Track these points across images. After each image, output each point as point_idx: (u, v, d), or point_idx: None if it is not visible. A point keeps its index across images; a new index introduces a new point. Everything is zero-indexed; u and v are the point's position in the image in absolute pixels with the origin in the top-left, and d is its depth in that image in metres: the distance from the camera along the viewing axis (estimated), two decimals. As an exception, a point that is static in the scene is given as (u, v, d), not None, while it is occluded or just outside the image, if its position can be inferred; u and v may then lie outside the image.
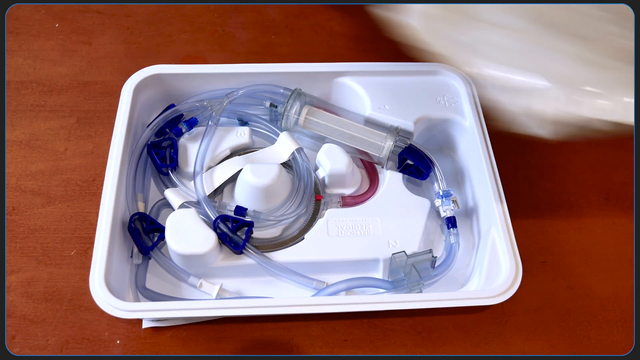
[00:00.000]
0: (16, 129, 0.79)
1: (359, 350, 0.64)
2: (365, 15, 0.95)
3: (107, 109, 0.81)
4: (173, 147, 0.70)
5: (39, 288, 0.66)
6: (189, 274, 0.65)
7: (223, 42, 0.91)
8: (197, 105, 0.73)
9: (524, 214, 0.75)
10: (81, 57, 0.87)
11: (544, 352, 0.65)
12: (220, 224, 0.65)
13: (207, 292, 0.64)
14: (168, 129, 0.72)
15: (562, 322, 0.68)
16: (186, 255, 0.62)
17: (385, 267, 0.66)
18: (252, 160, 0.71)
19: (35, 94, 0.82)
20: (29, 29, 0.90)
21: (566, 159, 0.81)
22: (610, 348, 0.66)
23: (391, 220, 0.67)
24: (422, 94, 0.76)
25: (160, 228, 0.65)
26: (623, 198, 0.78)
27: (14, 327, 0.64)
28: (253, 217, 0.67)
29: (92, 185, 0.74)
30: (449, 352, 0.65)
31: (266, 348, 0.64)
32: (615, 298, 0.69)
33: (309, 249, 0.65)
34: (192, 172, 0.70)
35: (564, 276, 0.71)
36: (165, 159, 0.70)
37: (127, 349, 0.63)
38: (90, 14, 0.92)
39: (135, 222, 0.65)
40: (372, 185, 0.74)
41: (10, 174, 0.74)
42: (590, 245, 0.74)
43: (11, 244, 0.69)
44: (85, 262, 0.67)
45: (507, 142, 0.82)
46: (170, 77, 0.75)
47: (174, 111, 0.72)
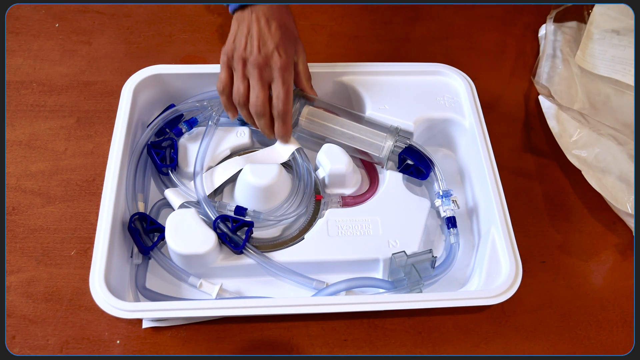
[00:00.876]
0: (16, 129, 0.78)
1: (359, 350, 0.64)
2: (365, 15, 0.96)
3: (107, 109, 0.81)
4: (173, 147, 0.71)
5: (39, 288, 0.66)
6: (189, 274, 0.65)
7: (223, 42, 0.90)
8: (197, 105, 0.73)
9: (524, 214, 0.75)
10: (81, 57, 0.87)
11: (544, 352, 0.65)
12: (220, 224, 0.65)
13: (207, 292, 0.64)
14: (168, 128, 0.72)
15: (562, 322, 0.68)
16: (186, 255, 0.62)
17: (385, 267, 0.66)
18: (252, 160, 0.71)
19: (35, 94, 0.82)
20: (29, 29, 0.90)
21: (566, 158, 0.81)
22: (610, 348, 0.66)
23: (391, 220, 0.67)
24: (422, 94, 0.76)
25: (160, 228, 0.65)
26: (623, 198, 0.78)
27: (14, 327, 0.64)
28: (253, 217, 0.67)
29: (92, 185, 0.74)
30: (449, 352, 0.65)
31: (266, 348, 0.64)
32: (615, 298, 0.69)
33: (309, 249, 0.65)
34: (192, 172, 0.70)
35: (564, 276, 0.71)
36: (165, 159, 0.70)
37: (127, 349, 0.63)
38: (90, 14, 0.92)
39: (135, 222, 0.65)
40: (372, 185, 0.74)
41: (10, 174, 0.74)
42: (590, 245, 0.74)
43: (11, 244, 0.69)
44: (85, 262, 0.67)
45: (507, 142, 0.82)
46: (170, 77, 0.75)
47: (174, 111, 0.73)
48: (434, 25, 0.95)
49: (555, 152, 0.78)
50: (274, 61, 0.64)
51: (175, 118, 0.73)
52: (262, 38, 0.64)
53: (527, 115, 0.85)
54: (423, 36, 0.94)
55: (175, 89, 0.76)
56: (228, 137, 0.74)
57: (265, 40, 0.64)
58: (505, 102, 0.87)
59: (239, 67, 0.65)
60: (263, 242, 0.67)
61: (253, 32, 0.64)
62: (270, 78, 0.65)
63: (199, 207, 0.67)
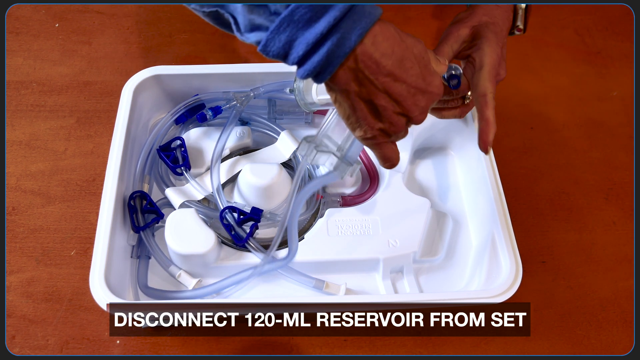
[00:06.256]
0: (16, 129, 0.78)
1: (359, 350, 0.64)
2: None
3: (107, 109, 0.81)
4: (182, 146, 0.70)
5: (39, 288, 0.66)
6: (171, 263, 0.65)
7: (223, 42, 0.91)
8: (222, 96, 0.74)
9: (524, 214, 0.75)
10: (81, 57, 0.87)
11: (544, 352, 0.65)
12: (227, 215, 0.65)
13: (185, 283, 0.64)
14: (188, 115, 0.73)
15: (562, 322, 0.68)
16: (186, 255, 0.62)
17: (385, 267, 0.66)
18: (252, 160, 0.71)
19: (35, 94, 0.82)
20: (29, 29, 0.90)
21: (566, 159, 0.81)
22: (610, 348, 0.66)
23: (391, 220, 0.67)
24: (422, 94, 0.76)
25: (157, 212, 0.66)
26: (623, 198, 0.78)
27: (14, 327, 0.64)
28: (270, 219, 0.67)
29: (92, 185, 0.74)
30: (449, 352, 0.65)
31: (266, 348, 0.64)
32: (615, 298, 0.69)
33: (309, 249, 0.65)
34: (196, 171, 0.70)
35: (564, 276, 0.71)
36: (177, 159, 0.70)
37: (127, 349, 0.63)
38: (90, 14, 0.92)
39: (136, 199, 0.66)
40: (372, 185, 0.74)
41: (10, 174, 0.74)
42: (590, 245, 0.74)
43: (11, 244, 0.69)
44: (85, 262, 0.67)
45: (507, 142, 0.82)
46: (170, 78, 0.74)
47: (196, 99, 0.73)
48: (434, 25, 0.95)
49: (555, 151, 0.78)
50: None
51: (196, 107, 0.74)
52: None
53: (527, 115, 0.85)
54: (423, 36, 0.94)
55: (175, 89, 0.76)
56: (228, 137, 0.74)
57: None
58: (505, 102, 0.87)
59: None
60: (263, 241, 0.67)
61: None
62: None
63: (199, 206, 0.67)
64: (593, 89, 0.89)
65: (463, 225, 0.72)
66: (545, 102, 0.87)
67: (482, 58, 0.58)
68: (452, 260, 0.70)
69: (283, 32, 0.41)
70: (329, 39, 0.40)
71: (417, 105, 0.46)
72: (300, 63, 0.42)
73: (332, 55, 0.41)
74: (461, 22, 0.60)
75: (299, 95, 0.65)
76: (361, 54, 0.42)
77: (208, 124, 0.75)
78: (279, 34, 0.41)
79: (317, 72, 0.42)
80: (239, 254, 0.66)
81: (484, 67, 0.57)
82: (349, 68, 0.42)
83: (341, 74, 0.43)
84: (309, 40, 0.41)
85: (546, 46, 0.94)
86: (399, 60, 0.44)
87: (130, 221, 0.65)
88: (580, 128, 0.85)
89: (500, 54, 0.59)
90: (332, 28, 0.40)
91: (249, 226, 0.65)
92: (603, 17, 0.98)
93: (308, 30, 0.40)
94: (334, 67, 0.42)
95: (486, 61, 0.57)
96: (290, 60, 0.42)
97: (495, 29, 0.59)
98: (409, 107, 0.46)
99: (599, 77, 0.91)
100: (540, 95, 0.88)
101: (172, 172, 0.71)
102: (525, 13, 0.63)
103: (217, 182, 0.68)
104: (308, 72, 0.42)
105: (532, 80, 0.89)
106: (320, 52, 0.41)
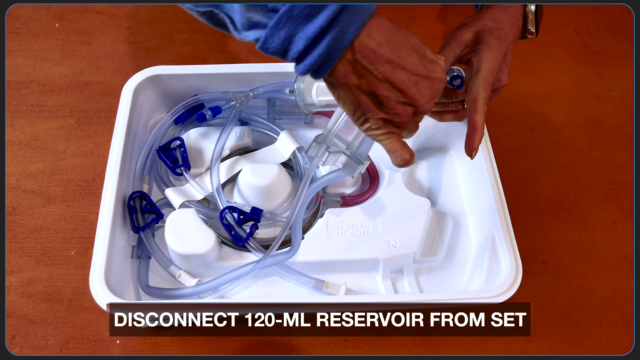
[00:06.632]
0: (16, 129, 0.78)
1: (359, 350, 0.64)
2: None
3: (107, 109, 0.81)
4: (182, 146, 0.70)
5: (39, 288, 0.66)
6: (171, 263, 0.65)
7: (223, 42, 0.91)
8: (222, 96, 0.74)
9: (524, 214, 0.75)
10: (81, 57, 0.87)
11: (544, 352, 0.65)
12: (227, 215, 0.65)
13: (185, 283, 0.64)
14: (188, 116, 0.73)
15: (562, 322, 0.68)
16: (186, 255, 0.62)
17: (385, 267, 0.66)
18: (252, 160, 0.71)
19: (35, 94, 0.82)
20: (29, 29, 0.90)
21: (566, 159, 0.81)
22: (610, 348, 0.66)
23: (391, 220, 0.67)
24: (422, 94, 0.76)
25: (156, 212, 0.66)
26: (623, 198, 0.78)
27: (14, 327, 0.64)
28: (269, 219, 0.67)
29: (92, 185, 0.74)
30: (449, 352, 0.65)
31: (266, 348, 0.64)
32: (615, 298, 0.69)
33: (309, 249, 0.65)
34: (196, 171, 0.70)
35: (564, 276, 0.71)
36: (177, 159, 0.70)
37: (127, 349, 0.63)
38: (90, 14, 0.92)
39: (136, 199, 0.66)
40: (372, 185, 0.74)
41: (10, 174, 0.74)
42: (590, 245, 0.74)
43: (11, 244, 0.69)
44: (85, 262, 0.67)
45: (507, 142, 0.82)
46: (170, 78, 0.74)
47: (196, 100, 0.73)
48: (433, 25, 0.95)
49: (555, 151, 0.78)
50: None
51: (196, 107, 0.74)
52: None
53: (527, 115, 0.85)
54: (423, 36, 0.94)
55: (175, 89, 0.76)
56: (228, 137, 0.74)
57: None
58: (505, 102, 0.87)
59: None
60: (263, 241, 0.67)
61: None
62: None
63: (199, 206, 0.67)
64: (593, 89, 0.89)
65: (463, 225, 0.72)
66: (545, 102, 0.87)
67: (479, 63, 0.58)
68: (452, 260, 0.70)
69: (282, 28, 0.41)
70: (329, 33, 0.41)
71: (421, 93, 0.46)
72: (300, 58, 0.42)
73: (333, 48, 0.41)
74: (465, 27, 0.61)
75: (299, 96, 0.65)
76: (358, 46, 0.42)
77: (208, 124, 0.75)
78: (278, 30, 0.41)
79: (317, 67, 0.42)
80: (239, 254, 0.66)
81: (480, 72, 0.58)
82: (347, 61, 0.43)
83: (340, 68, 0.43)
84: (309, 34, 0.41)
85: (546, 46, 0.94)
86: (396, 48, 0.44)
87: (130, 221, 0.65)
88: (580, 128, 0.85)
89: (501, 59, 0.59)
90: (331, 22, 0.40)
91: (249, 226, 0.65)
92: (603, 17, 0.98)
93: (307, 25, 0.41)
94: (334, 60, 0.42)
95: (483, 66, 0.58)
96: (290, 56, 0.42)
97: (500, 35, 0.59)
98: (414, 95, 0.46)
99: (599, 77, 0.91)
100: (540, 95, 0.88)
101: (171, 172, 0.71)
102: (535, 16, 0.63)
103: (217, 182, 0.68)
104: (308, 67, 0.42)
105: (532, 80, 0.89)
106: (321, 46, 0.41)
